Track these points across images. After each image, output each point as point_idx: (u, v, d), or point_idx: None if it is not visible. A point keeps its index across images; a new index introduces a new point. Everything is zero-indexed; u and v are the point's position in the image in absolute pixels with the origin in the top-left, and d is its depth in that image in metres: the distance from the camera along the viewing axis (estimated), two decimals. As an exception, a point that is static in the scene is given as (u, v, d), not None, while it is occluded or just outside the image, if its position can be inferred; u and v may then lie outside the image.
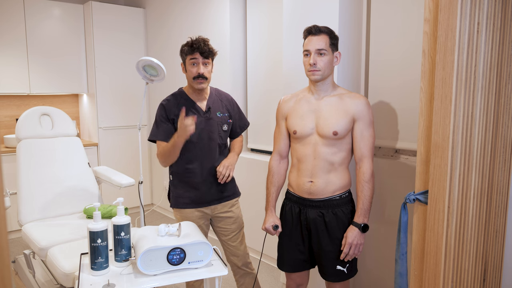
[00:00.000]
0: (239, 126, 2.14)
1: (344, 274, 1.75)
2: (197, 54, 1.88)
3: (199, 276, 1.45)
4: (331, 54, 1.68)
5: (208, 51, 1.89)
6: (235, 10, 3.25)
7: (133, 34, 4.26)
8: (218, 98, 2.06)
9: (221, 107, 2.03)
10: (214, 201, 2.03)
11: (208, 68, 1.92)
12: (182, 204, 2.01)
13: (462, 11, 1.23)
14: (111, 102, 4.17)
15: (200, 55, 1.88)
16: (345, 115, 1.68)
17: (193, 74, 1.91)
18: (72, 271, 1.86)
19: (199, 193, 1.99)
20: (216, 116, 2.00)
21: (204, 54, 1.88)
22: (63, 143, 2.76)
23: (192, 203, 2.00)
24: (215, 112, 2.00)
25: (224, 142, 2.05)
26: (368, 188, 1.67)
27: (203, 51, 1.88)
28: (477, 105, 1.33)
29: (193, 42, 1.90)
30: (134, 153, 4.30)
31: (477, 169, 1.38)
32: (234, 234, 2.09)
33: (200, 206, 2.01)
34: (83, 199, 2.67)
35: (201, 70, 1.89)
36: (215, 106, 2.02)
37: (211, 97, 2.03)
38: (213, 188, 2.01)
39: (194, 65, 1.90)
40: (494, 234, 1.54)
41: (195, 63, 1.90)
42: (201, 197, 2.00)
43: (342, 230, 1.72)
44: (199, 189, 1.99)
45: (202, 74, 1.89)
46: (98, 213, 1.49)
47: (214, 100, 2.03)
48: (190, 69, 1.92)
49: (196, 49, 1.88)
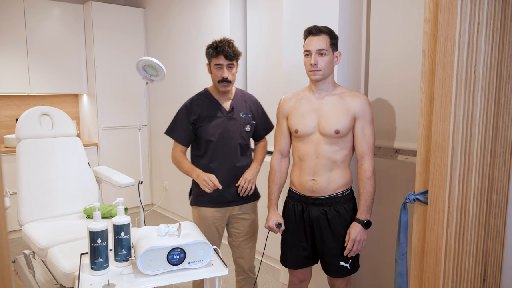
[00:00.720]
0: (263, 128, 2.15)
1: (347, 269, 1.78)
2: (221, 57, 1.90)
3: (199, 276, 1.46)
4: (331, 54, 1.71)
5: (232, 53, 1.90)
6: (235, 10, 3.25)
7: (133, 34, 4.26)
8: (243, 99, 2.07)
9: (244, 108, 2.05)
10: (233, 203, 2.03)
11: (232, 71, 1.94)
12: (201, 202, 2.03)
13: (462, 11, 1.23)
14: (111, 102, 4.17)
15: (225, 58, 1.90)
16: (346, 113, 1.70)
17: (218, 78, 1.94)
18: (72, 271, 1.86)
19: (218, 192, 1.99)
20: (239, 116, 2.02)
21: (229, 57, 1.90)
22: (63, 143, 2.76)
23: (210, 202, 2.01)
24: (238, 112, 2.02)
25: (246, 142, 2.06)
26: (370, 185, 1.70)
27: (227, 54, 1.89)
28: (477, 105, 1.33)
29: (217, 44, 1.91)
30: (134, 153, 4.30)
31: (477, 169, 1.38)
32: (248, 237, 2.09)
33: (218, 206, 2.02)
34: (83, 199, 2.67)
35: (225, 74, 1.92)
36: (239, 106, 2.03)
37: (235, 97, 2.05)
38: (232, 189, 2.01)
39: (219, 69, 1.93)
40: (494, 234, 1.54)
41: (219, 67, 1.92)
42: (220, 197, 2.00)
43: (344, 227, 1.75)
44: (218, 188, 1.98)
45: (226, 78, 1.92)
46: (98, 213, 1.49)
47: (238, 101, 2.05)
48: (215, 73, 1.95)
49: (220, 52, 1.89)
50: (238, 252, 2.11)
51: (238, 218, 2.07)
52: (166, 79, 3.64)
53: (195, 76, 3.68)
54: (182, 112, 2.04)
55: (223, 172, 1.99)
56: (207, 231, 2.02)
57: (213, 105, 2.01)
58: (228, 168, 2.00)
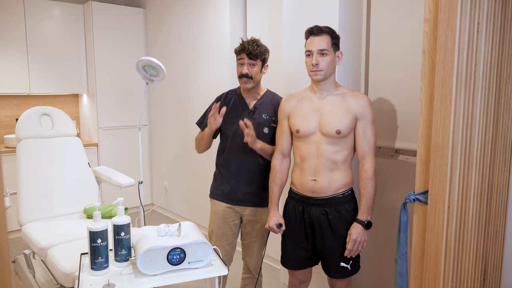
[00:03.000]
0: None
1: (348, 270, 1.77)
2: (243, 54, 1.95)
3: (199, 276, 1.46)
4: (333, 54, 1.70)
5: (254, 52, 1.93)
6: (235, 10, 3.25)
7: (133, 34, 4.26)
8: (270, 101, 2.06)
9: (269, 110, 2.03)
10: (244, 203, 2.03)
11: (254, 69, 1.96)
12: (215, 195, 2.10)
13: (462, 11, 1.23)
14: (111, 102, 4.16)
15: (247, 56, 1.94)
16: (347, 113, 1.70)
17: (238, 73, 1.98)
18: (72, 271, 1.86)
19: (229, 188, 2.04)
20: (260, 117, 2.01)
21: (250, 55, 1.93)
22: (63, 143, 2.76)
23: (222, 196, 2.06)
24: (261, 112, 2.02)
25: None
26: (371, 185, 1.70)
27: (249, 52, 1.93)
28: (477, 105, 1.33)
29: (243, 42, 1.97)
30: (134, 153, 4.30)
31: (477, 169, 1.38)
32: (255, 239, 2.09)
33: (229, 202, 2.04)
34: (83, 199, 2.66)
35: (245, 71, 1.95)
36: (263, 107, 2.03)
37: (262, 98, 2.05)
38: (244, 188, 2.02)
39: (240, 65, 1.97)
40: (494, 234, 1.54)
41: (241, 63, 1.97)
42: (230, 192, 2.04)
43: (345, 228, 1.74)
44: (230, 184, 2.04)
45: (245, 74, 1.95)
46: (98, 213, 1.49)
47: (264, 102, 2.05)
48: (237, 69, 2.00)
49: (242, 49, 1.95)
50: (247, 251, 2.12)
51: (250, 220, 2.06)
52: (166, 79, 3.63)
53: (195, 76, 3.68)
54: (212, 104, 2.11)
55: (235, 167, 2.02)
56: (220, 227, 2.06)
57: (238, 102, 2.06)
58: (241, 164, 2.01)
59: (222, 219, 2.05)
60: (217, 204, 2.07)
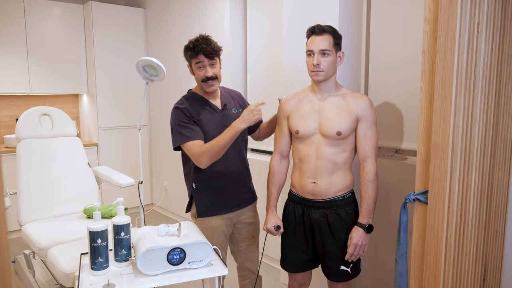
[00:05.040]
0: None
1: (348, 274, 1.75)
2: (201, 56, 1.79)
3: (199, 276, 1.45)
4: (334, 54, 1.67)
5: (211, 50, 1.78)
6: (235, 10, 3.25)
7: (133, 34, 4.26)
8: (229, 96, 1.99)
9: (234, 104, 1.97)
10: (240, 205, 1.95)
11: (215, 68, 1.82)
12: (209, 212, 1.89)
13: (462, 11, 1.23)
14: (111, 102, 4.16)
15: (205, 57, 1.79)
16: (348, 115, 1.67)
17: (201, 77, 1.82)
18: (72, 271, 1.86)
19: (226, 195, 1.90)
20: (232, 113, 1.92)
21: (209, 55, 1.78)
22: (63, 143, 2.76)
23: (220, 208, 1.90)
24: (230, 109, 1.93)
25: (245, 138, 1.99)
26: (372, 188, 1.67)
27: (206, 52, 1.78)
28: (477, 105, 1.33)
29: (194, 44, 1.80)
30: (134, 153, 4.30)
31: (477, 169, 1.38)
32: (253, 240, 2.04)
33: (228, 211, 1.91)
34: (83, 199, 2.66)
35: (209, 73, 1.80)
36: (229, 103, 1.95)
37: (222, 95, 1.96)
38: (241, 190, 1.94)
39: (201, 68, 1.81)
40: (494, 234, 1.54)
41: (201, 66, 1.80)
42: (227, 200, 1.90)
43: (345, 231, 1.72)
44: (226, 190, 1.90)
45: (211, 76, 1.80)
46: (98, 213, 1.49)
47: (226, 98, 1.96)
48: (198, 73, 1.83)
49: (199, 51, 1.78)
50: (245, 257, 2.05)
51: (245, 223, 2.00)
52: (166, 79, 3.63)
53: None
54: (182, 117, 1.82)
55: (229, 170, 1.89)
56: (217, 240, 1.90)
57: (204, 105, 1.87)
58: (234, 165, 1.90)
59: (220, 232, 1.92)
60: (212, 220, 1.89)
